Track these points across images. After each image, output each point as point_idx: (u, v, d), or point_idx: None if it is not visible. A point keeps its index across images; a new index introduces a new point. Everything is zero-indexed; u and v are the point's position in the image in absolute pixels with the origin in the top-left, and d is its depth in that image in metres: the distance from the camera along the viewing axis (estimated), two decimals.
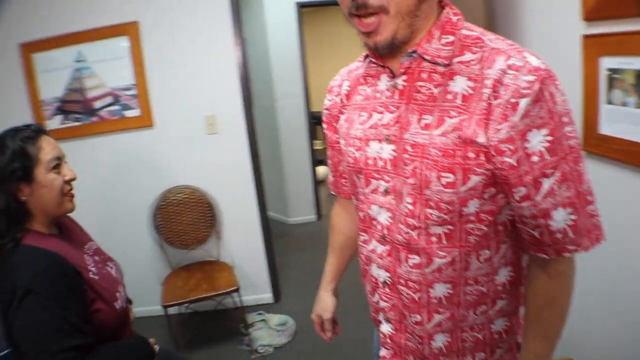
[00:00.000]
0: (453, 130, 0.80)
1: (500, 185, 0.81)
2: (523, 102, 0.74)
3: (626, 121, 1.39)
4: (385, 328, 1.04)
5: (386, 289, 0.98)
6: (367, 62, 0.97)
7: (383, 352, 1.07)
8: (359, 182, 0.99)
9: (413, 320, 0.95)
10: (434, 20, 0.85)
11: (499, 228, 0.87)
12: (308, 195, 4.85)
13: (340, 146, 1.05)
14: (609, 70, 1.43)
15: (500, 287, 0.93)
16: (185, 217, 3.01)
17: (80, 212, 1.41)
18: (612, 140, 1.46)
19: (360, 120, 0.97)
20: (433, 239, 0.87)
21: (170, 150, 3.01)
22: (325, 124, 1.14)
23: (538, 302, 0.90)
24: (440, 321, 0.93)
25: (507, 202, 0.84)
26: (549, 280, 0.87)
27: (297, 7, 4.41)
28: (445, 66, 0.82)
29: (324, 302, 1.30)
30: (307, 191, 4.84)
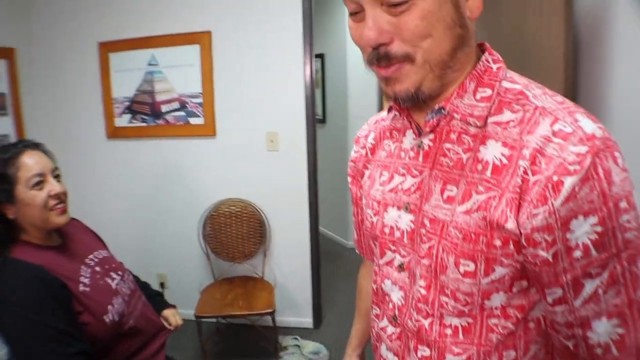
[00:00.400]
0: (478, 209, 0.65)
1: (533, 280, 0.66)
2: (569, 181, 0.57)
3: None
4: None
5: None
6: (393, 114, 0.84)
7: None
8: (375, 250, 0.86)
9: None
10: (470, 68, 0.70)
11: (530, 325, 0.70)
12: None
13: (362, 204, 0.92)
14: None
15: None
16: (234, 230, 2.99)
17: (134, 209, 1.42)
18: None
19: (381, 180, 0.84)
20: (447, 332, 0.73)
21: (228, 161, 2.99)
22: (350, 177, 1.00)
23: None
24: None
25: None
26: None
27: None
28: (478, 127, 0.68)
29: None
30: None
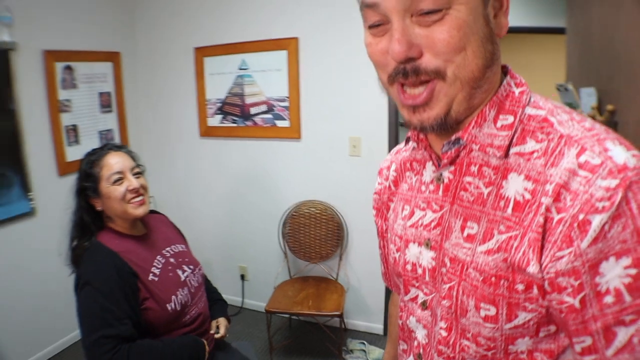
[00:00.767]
0: (499, 249, 0.60)
1: (560, 326, 0.60)
2: (597, 220, 0.51)
3: None
4: None
5: None
6: (412, 144, 0.79)
7: None
8: (400, 286, 0.82)
9: None
10: (493, 93, 0.64)
11: None
12: None
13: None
14: None
15: None
16: (313, 231, 3.06)
17: (221, 203, 1.48)
18: None
19: (403, 214, 0.79)
20: None
21: (311, 164, 3.06)
22: (374, 210, 0.95)
23: None
24: None
25: None
26: None
27: None
28: (499, 158, 0.62)
29: None
30: None
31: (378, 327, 3.18)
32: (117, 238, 1.56)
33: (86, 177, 1.55)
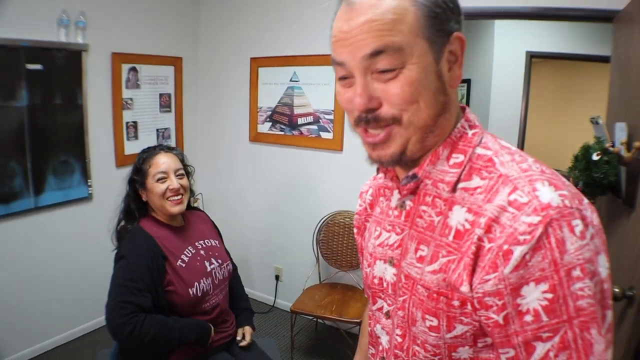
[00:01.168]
0: (440, 270, 0.69)
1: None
2: (518, 251, 0.59)
3: None
4: None
5: None
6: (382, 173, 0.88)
7: None
8: (370, 298, 0.93)
9: None
10: (447, 135, 0.73)
11: None
12: None
13: None
14: None
15: None
16: (346, 241, 3.17)
17: (263, 205, 1.55)
18: None
19: (374, 234, 0.89)
20: None
21: (350, 176, 3.16)
22: (355, 229, 1.06)
23: None
24: None
25: None
26: None
27: (528, 57, 4.06)
28: (448, 192, 0.71)
29: None
30: None
31: None
32: (156, 226, 1.78)
33: (137, 171, 1.78)
